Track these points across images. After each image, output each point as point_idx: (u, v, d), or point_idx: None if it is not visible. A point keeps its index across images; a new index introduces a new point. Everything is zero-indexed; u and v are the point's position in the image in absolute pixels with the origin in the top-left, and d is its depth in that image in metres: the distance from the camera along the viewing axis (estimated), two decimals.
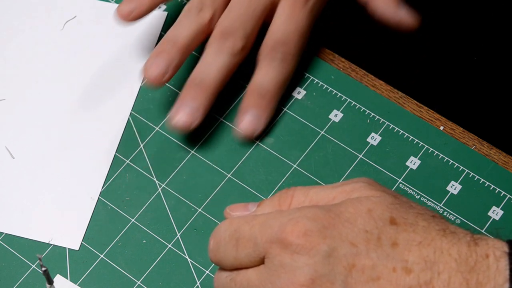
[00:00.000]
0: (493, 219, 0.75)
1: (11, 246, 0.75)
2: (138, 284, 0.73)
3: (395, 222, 0.56)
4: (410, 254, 0.54)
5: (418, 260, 0.54)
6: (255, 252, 0.58)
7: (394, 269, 0.54)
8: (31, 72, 0.84)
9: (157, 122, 0.81)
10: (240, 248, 0.59)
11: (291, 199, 0.61)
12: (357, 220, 0.56)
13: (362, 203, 0.57)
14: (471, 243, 0.55)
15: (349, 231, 0.55)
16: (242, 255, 0.59)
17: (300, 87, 0.82)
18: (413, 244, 0.55)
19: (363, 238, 0.55)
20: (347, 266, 0.54)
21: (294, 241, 0.56)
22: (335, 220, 0.56)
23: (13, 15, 0.87)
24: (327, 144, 0.79)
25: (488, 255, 0.54)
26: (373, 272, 0.54)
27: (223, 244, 0.60)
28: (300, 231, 0.56)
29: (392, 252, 0.54)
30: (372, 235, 0.55)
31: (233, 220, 0.61)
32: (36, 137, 0.80)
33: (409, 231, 0.55)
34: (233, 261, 0.60)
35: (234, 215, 0.63)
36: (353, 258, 0.54)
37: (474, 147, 0.78)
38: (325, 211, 0.57)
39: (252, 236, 0.58)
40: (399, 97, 0.81)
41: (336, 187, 0.60)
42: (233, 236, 0.60)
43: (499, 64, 0.88)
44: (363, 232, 0.55)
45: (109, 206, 0.77)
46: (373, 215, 0.56)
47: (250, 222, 0.59)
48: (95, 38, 0.86)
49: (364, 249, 0.54)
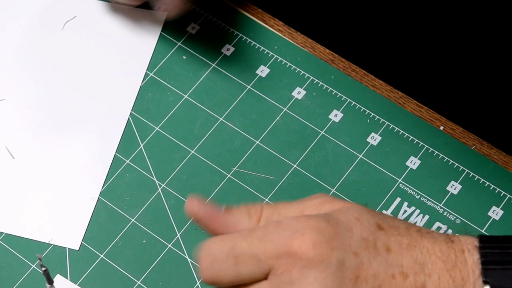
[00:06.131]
0: (493, 219, 0.75)
1: (11, 246, 0.75)
2: (138, 284, 0.73)
3: (381, 227, 0.56)
4: (403, 258, 0.55)
5: (411, 264, 0.54)
6: (259, 270, 0.55)
7: (393, 275, 0.54)
8: (31, 72, 0.84)
9: (157, 122, 0.81)
10: (241, 266, 0.55)
11: (261, 211, 0.59)
12: (352, 228, 0.55)
13: (348, 212, 0.56)
14: (448, 240, 0.56)
15: (351, 240, 0.55)
16: (244, 273, 0.56)
17: (300, 87, 0.82)
18: (403, 247, 0.55)
19: (362, 246, 0.55)
20: (352, 278, 0.54)
21: (304, 254, 0.54)
22: (337, 229, 0.55)
23: (13, 15, 0.87)
24: (327, 144, 0.79)
25: (463, 251, 0.55)
26: (375, 281, 0.54)
27: (219, 263, 0.56)
28: (309, 243, 0.54)
29: (389, 258, 0.54)
30: (369, 242, 0.55)
31: (226, 237, 0.57)
32: (36, 137, 0.80)
33: (396, 235, 0.55)
34: (233, 280, 0.56)
35: (198, 209, 0.59)
36: (357, 269, 0.54)
37: (474, 147, 0.78)
38: (325, 220, 0.56)
39: (253, 253, 0.55)
40: (399, 97, 0.81)
41: (303, 202, 0.59)
42: (230, 254, 0.56)
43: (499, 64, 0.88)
44: (361, 239, 0.55)
45: (109, 206, 0.77)
46: (363, 222, 0.56)
47: (247, 238, 0.56)
48: (95, 38, 0.86)
49: (365, 258, 0.54)
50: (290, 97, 0.82)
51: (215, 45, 0.85)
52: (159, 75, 0.83)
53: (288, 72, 0.83)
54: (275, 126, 0.80)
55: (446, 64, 0.92)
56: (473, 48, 0.89)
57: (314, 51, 0.84)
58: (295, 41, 0.85)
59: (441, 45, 0.91)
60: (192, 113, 0.81)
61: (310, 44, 0.85)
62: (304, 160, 0.78)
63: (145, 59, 0.84)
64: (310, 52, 0.84)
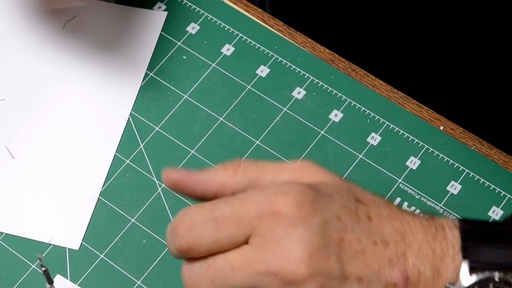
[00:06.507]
0: (493, 219, 0.75)
1: (11, 246, 0.75)
2: (138, 284, 0.73)
3: (360, 201, 0.56)
4: (384, 227, 0.55)
5: (392, 233, 0.55)
6: (240, 231, 0.53)
7: (375, 242, 0.54)
8: (31, 72, 0.84)
9: (157, 122, 0.81)
10: (221, 229, 0.53)
11: (238, 164, 0.57)
12: (334, 196, 0.55)
13: (329, 185, 0.56)
14: (428, 218, 0.56)
15: (333, 205, 0.55)
16: (223, 236, 0.53)
17: (300, 87, 0.82)
18: (383, 217, 0.55)
19: (345, 212, 0.54)
20: (337, 239, 0.53)
21: (289, 212, 0.53)
22: (319, 194, 0.55)
23: (13, 15, 0.87)
24: (327, 144, 0.79)
25: (443, 227, 0.55)
26: (359, 245, 0.54)
27: (198, 227, 0.54)
28: (293, 201, 0.53)
29: (370, 225, 0.55)
30: (351, 209, 0.55)
31: (204, 204, 0.55)
32: (36, 137, 0.80)
33: (375, 207, 0.56)
34: (211, 245, 0.54)
35: (177, 174, 0.57)
36: (341, 231, 0.54)
37: (474, 147, 0.78)
38: (307, 185, 0.55)
39: (234, 214, 0.53)
40: (399, 97, 0.81)
41: (286, 163, 0.58)
42: (209, 217, 0.54)
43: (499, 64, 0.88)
44: (343, 206, 0.55)
45: (109, 206, 0.77)
46: (343, 195, 0.56)
47: (227, 202, 0.54)
48: (95, 38, 0.86)
49: (348, 222, 0.54)
50: (290, 97, 0.82)
51: (215, 45, 0.85)
52: (159, 75, 0.83)
53: (288, 72, 0.83)
54: (275, 126, 0.80)
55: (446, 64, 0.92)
56: (473, 48, 0.89)
57: (314, 51, 0.84)
58: (295, 41, 0.85)
59: (441, 45, 0.91)
60: (192, 113, 0.81)
61: (310, 44, 0.85)
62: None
63: (145, 59, 0.84)
64: (310, 52, 0.84)
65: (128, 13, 0.87)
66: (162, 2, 0.87)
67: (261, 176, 0.57)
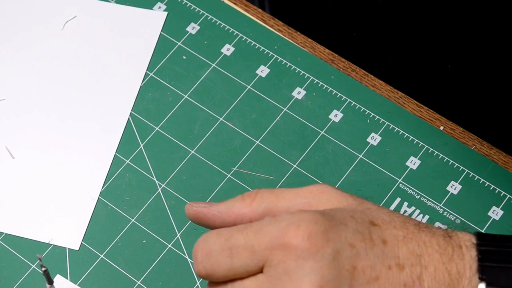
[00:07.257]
0: (493, 219, 0.75)
1: (11, 246, 0.75)
2: (138, 284, 0.73)
3: (374, 223, 0.56)
4: (399, 250, 0.55)
5: (407, 256, 0.55)
6: (253, 261, 0.55)
7: (390, 267, 0.54)
8: (31, 72, 0.84)
9: (157, 122, 0.81)
10: (236, 258, 0.55)
11: (256, 194, 0.59)
12: (347, 223, 0.56)
13: (342, 211, 0.57)
14: (445, 235, 0.56)
15: (346, 232, 0.55)
16: (238, 265, 0.56)
17: (300, 87, 0.82)
18: (399, 239, 0.55)
19: (358, 238, 0.55)
20: (350, 269, 0.54)
21: (300, 245, 0.54)
22: (332, 222, 0.55)
23: (13, 15, 0.87)
24: (327, 144, 0.79)
25: (461, 246, 0.55)
26: (373, 272, 0.54)
27: (214, 255, 0.56)
28: (304, 234, 0.54)
29: (385, 249, 0.55)
30: (365, 235, 0.55)
31: (222, 231, 0.57)
32: (36, 137, 0.80)
33: (391, 228, 0.56)
34: (227, 273, 0.56)
35: (197, 206, 0.60)
36: (354, 259, 0.54)
37: (474, 147, 0.78)
38: (321, 214, 0.56)
39: (248, 244, 0.55)
40: (399, 97, 0.81)
41: (301, 188, 0.59)
42: (225, 245, 0.56)
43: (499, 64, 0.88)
44: (357, 232, 0.55)
45: (109, 206, 0.77)
46: (357, 219, 0.56)
47: (243, 231, 0.56)
48: (95, 38, 0.86)
49: (362, 249, 0.54)
50: (290, 97, 0.82)
51: (215, 45, 0.85)
52: (159, 75, 0.83)
53: (288, 72, 0.83)
54: (275, 126, 0.80)
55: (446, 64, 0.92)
56: (473, 48, 0.89)
57: (314, 51, 0.84)
58: (295, 41, 0.85)
59: (441, 45, 0.91)
60: (192, 113, 0.81)
61: (310, 44, 0.85)
62: (304, 160, 0.78)
63: (145, 59, 0.84)
64: (310, 52, 0.84)
65: (128, 13, 0.87)
66: (162, 2, 0.87)
67: (277, 203, 0.59)
